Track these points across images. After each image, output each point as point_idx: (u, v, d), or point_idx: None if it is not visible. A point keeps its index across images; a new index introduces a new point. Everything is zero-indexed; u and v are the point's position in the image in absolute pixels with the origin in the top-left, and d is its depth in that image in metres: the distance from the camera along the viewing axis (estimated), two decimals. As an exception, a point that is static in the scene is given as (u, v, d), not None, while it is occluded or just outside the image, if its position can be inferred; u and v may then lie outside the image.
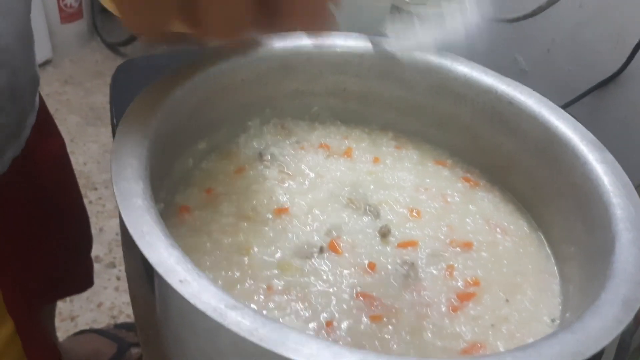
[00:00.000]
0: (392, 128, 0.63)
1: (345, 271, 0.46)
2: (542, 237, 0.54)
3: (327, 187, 0.54)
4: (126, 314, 1.42)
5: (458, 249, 0.51)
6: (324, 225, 0.49)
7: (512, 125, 0.56)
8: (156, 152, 0.43)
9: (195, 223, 0.49)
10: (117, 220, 1.58)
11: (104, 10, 2.28)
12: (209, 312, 0.31)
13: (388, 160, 0.59)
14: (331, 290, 0.44)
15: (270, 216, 0.49)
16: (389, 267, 0.48)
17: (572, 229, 0.49)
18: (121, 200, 0.36)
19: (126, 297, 1.45)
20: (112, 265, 1.52)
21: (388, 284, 0.46)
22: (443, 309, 0.45)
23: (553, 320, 0.46)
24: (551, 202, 0.52)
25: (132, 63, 0.79)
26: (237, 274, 0.44)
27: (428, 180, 0.58)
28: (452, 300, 0.46)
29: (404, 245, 0.50)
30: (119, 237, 1.54)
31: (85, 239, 0.80)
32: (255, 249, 0.46)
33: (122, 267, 1.49)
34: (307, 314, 0.42)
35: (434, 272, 0.48)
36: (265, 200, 0.51)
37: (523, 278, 0.49)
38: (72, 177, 0.74)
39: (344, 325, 0.42)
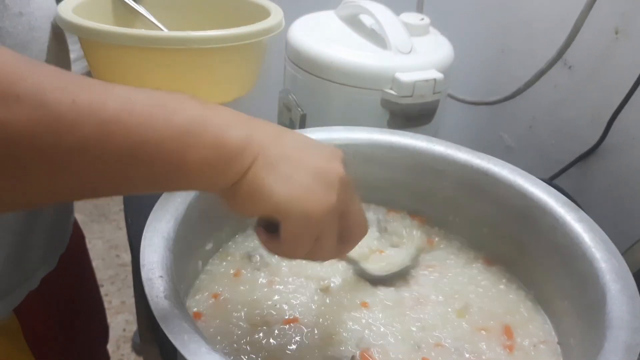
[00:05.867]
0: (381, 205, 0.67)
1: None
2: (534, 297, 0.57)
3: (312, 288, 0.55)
4: (137, 414, 1.39)
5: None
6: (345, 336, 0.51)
7: (491, 195, 0.60)
8: (176, 260, 0.45)
9: (209, 330, 0.50)
10: (124, 317, 1.60)
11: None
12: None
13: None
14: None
15: (281, 327, 0.50)
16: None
17: (562, 285, 0.53)
18: (159, 313, 0.38)
19: (136, 396, 1.41)
20: (121, 363, 1.50)
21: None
22: None
23: None
24: (538, 263, 0.57)
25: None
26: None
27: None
28: None
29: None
30: (127, 334, 1.56)
31: (102, 330, 0.82)
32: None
33: (131, 365, 1.45)
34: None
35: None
36: (272, 311, 0.52)
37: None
38: (90, 270, 0.78)
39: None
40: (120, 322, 1.59)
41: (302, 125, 0.74)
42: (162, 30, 0.60)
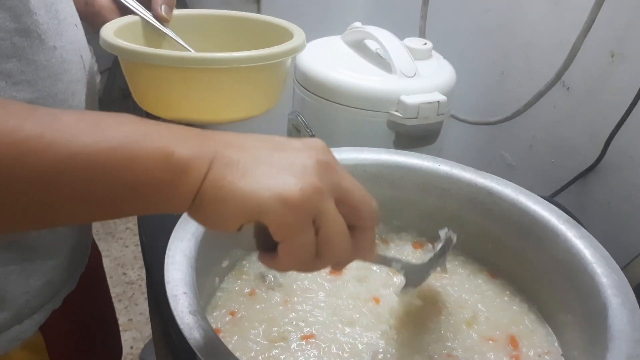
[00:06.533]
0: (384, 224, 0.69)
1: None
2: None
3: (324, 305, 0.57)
4: None
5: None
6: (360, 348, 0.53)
7: (495, 213, 0.63)
8: (197, 277, 0.48)
9: (228, 347, 0.51)
10: (131, 334, 1.62)
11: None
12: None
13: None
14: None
15: (299, 342, 0.53)
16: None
17: (565, 299, 0.56)
18: (185, 328, 0.40)
19: (145, 415, 1.42)
20: (129, 381, 1.51)
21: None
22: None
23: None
24: (542, 278, 0.59)
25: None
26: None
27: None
28: None
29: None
30: (134, 351, 1.58)
31: (116, 347, 0.83)
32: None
33: (139, 383, 1.46)
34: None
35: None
36: (289, 327, 0.54)
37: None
38: (106, 288, 0.80)
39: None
40: (128, 340, 1.60)
41: (311, 146, 0.77)
42: (189, 51, 0.63)
